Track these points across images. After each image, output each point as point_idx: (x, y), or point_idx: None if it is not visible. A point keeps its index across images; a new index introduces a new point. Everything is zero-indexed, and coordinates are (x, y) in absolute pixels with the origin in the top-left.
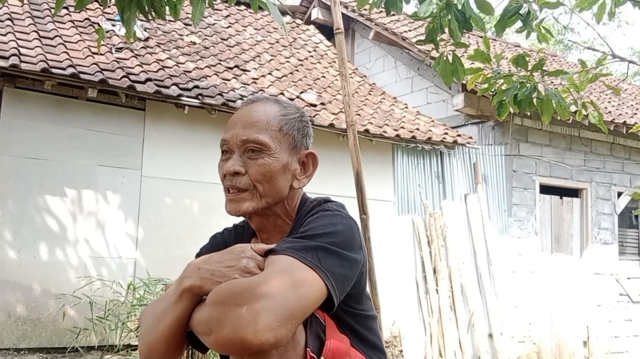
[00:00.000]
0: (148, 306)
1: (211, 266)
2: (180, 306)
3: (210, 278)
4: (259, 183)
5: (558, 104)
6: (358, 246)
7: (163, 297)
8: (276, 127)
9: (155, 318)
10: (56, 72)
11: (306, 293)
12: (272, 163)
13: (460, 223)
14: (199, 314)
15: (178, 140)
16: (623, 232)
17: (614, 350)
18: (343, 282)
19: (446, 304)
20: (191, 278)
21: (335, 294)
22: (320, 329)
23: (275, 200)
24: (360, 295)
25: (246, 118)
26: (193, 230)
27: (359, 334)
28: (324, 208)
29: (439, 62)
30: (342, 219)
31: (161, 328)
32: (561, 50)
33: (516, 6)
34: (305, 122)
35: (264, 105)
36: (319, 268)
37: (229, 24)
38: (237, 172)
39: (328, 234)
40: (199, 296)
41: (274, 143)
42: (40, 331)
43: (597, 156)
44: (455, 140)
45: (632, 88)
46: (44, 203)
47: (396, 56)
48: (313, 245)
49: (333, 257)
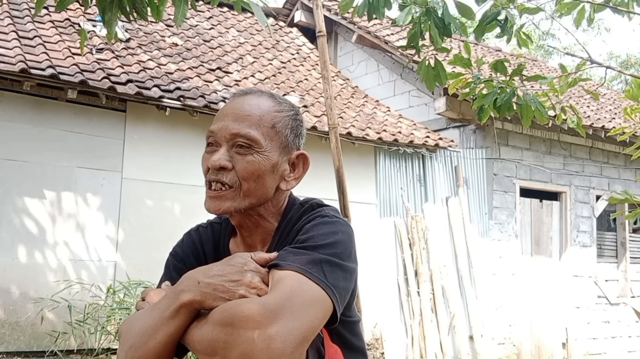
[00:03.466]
0: (131, 318)
1: (213, 280)
2: (176, 322)
3: (213, 293)
4: (245, 181)
5: (537, 109)
6: (355, 254)
7: (151, 310)
8: (269, 124)
9: (144, 334)
10: (35, 73)
11: (317, 313)
12: (261, 161)
13: (441, 226)
14: (199, 332)
15: (159, 142)
16: (601, 235)
17: (592, 351)
18: (345, 295)
19: (427, 307)
20: (190, 292)
21: (339, 309)
22: (320, 342)
23: (260, 200)
24: (351, 303)
25: (238, 110)
26: (174, 233)
27: (347, 340)
28: (322, 214)
29: (421, 67)
30: (341, 227)
31: (152, 344)
32: (542, 55)
33: (494, 12)
34: (300, 120)
35: (257, 99)
36: (326, 285)
37: (212, 26)
38: (223, 167)
39: (330, 245)
40: (197, 312)
41: (265, 141)
42: (19, 335)
43: (576, 160)
44: (437, 144)
45: (611, 93)
46: (22, 205)
47: (379, 59)
48: (318, 258)
49: (337, 270)
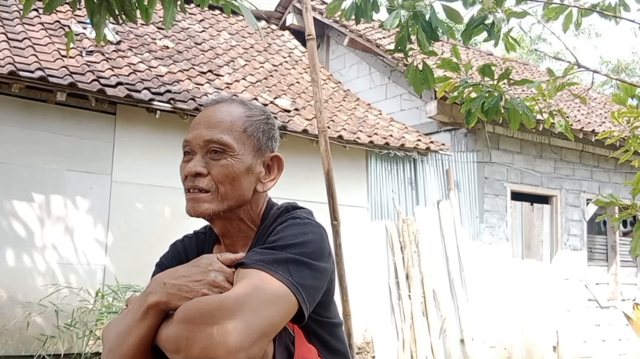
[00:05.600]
0: (110, 323)
1: (177, 281)
2: (146, 324)
3: (177, 293)
4: (221, 184)
5: (524, 113)
6: (327, 254)
7: (126, 314)
8: (240, 128)
9: (119, 337)
10: (24, 75)
11: (278, 309)
12: (235, 164)
13: (432, 229)
14: (166, 331)
15: (149, 145)
16: (592, 238)
17: (582, 355)
18: (314, 294)
19: (418, 310)
20: (156, 293)
21: (306, 307)
22: (290, 341)
23: (238, 203)
24: (328, 303)
25: (209, 118)
26: (164, 236)
27: (326, 342)
28: (293, 216)
29: (409, 71)
30: (312, 228)
31: (126, 346)
32: (534, 60)
33: (481, 16)
34: (271, 124)
35: (228, 106)
36: (290, 282)
37: (203, 29)
38: (198, 173)
39: (298, 244)
40: (165, 312)
41: (238, 145)
42: (7, 339)
43: (567, 163)
44: (428, 147)
45: (602, 97)
46: (10, 208)
47: (370, 63)
48: (284, 257)
49: (304, 269)
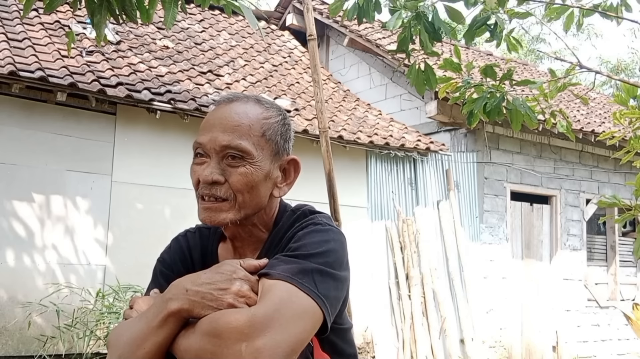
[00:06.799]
0: (119, 327)
1: (201, 288)
2: (165, 331)
3: (201, 301)
4: (239, 193)
5: (526, 114)
6: (347, 263)
7: (139, 318)
8: (259, 132)
9: (132, 343)
10: (24, 75)
11: (305, 325)
12: (254, 172)
13: (432, 230)
14: (187, 341)
15: (149, 145)
16: (591, 238)
17: (582, 355)
18: (336, 305)
19: (418, 310)
20: (178, 300)
21: (329, 319)
22: (309, 351)
23: (255, 210)
24: (343, 310)
25: (226, 120)
26: (164, 236)
27: (338, 348)
28: (314, 222)
29: (411, 71)
30: (334, 235)
31: (141, 354)
32: (533, 60)
33: (484, 17)
34: (288, 124)
35: (244, 106)
36: (316, 295)
37: (203, 29)
38: (216, 182)
39: (322, 254)
40: (186, 320)
41: (257, 151)
42: (7, 340)
43: (567, 164)
44: (428, 147)
45: (601, 98)
46: (10, 208)
47: (370, 63)
48: (309, 267)
49: (328, 280)
